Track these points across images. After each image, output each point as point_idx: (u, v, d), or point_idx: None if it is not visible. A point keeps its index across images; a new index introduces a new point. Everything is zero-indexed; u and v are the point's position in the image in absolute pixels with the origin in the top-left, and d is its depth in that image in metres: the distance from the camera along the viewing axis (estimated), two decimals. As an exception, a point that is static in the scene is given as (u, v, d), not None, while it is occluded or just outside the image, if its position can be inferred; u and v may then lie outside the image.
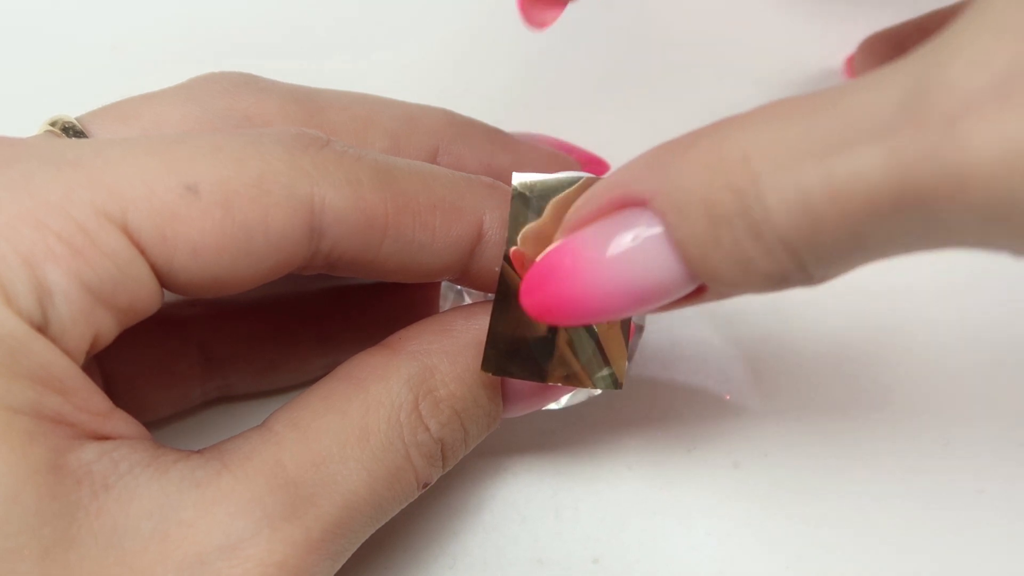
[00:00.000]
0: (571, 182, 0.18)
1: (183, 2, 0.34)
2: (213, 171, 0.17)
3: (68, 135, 0.20)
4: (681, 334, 0.27)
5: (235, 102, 0.22)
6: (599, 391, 0.24)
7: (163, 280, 0.17)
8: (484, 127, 0.24)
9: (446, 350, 0.19)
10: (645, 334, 0.26)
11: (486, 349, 0.18)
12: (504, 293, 0.18)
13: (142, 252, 0.16)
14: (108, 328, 0.17)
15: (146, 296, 0.17)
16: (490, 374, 0.19)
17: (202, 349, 0.23)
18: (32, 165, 0.16)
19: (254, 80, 0.22)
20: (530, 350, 0.18)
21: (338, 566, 0.17)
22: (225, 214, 0.16)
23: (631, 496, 0.25)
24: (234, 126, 0.21)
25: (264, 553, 0.16)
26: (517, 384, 0.20)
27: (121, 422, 0.17)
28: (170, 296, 0.24)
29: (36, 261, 0.15)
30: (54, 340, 0.15)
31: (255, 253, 0.17)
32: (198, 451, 0.17)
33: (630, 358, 0.24)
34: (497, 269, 0.19)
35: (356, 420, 0.17)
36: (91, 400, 0.16)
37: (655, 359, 0.26)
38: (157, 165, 0.16)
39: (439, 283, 0.25)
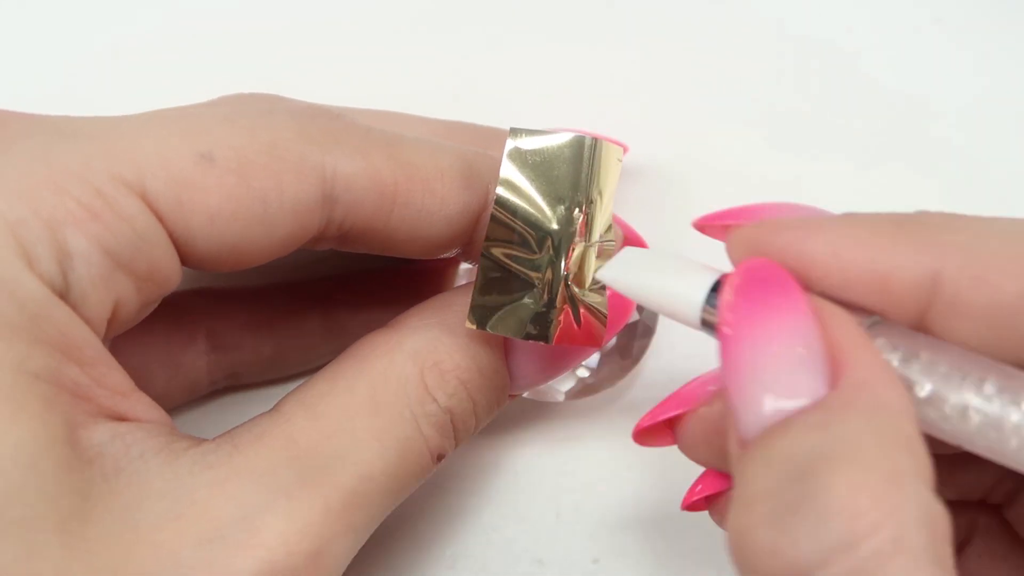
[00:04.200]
0: (562, 140, 0.18)
1: (183, 10, 0.35)
2: (227, 139, 0.17)
3: None
4: (685, 338, 0.27)
5: None
6: (586, 374, 0.24)
7: (182, 251, 0.17)
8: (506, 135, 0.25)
9: (447, 324, 0.19)
10: (655, 336, 0.26)
11: (471, 304, 0.18)
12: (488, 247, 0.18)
13: (160, 219, 0.16)
14: (128, 297, 0.17)
15: (165, 264, 0.17)
16: (484, 330, 0.18)
17: (210, 338, 0.23)
18: (50, 136, 0.16)
19: (281, 101, 0.23)
20: (513, 309, 0.18)
21: (359, 544, 0.17)
22: (239, 180, 0.17)
23: (631, 496, 0.25)
24: None
25: (283, 522, 0.16)
26: (521, 352, 0.20)
27: (141, 405, 0.17)
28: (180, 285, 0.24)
29: (57, 225, 0.15)
30: (74, 307, 0.16)
31: (270, 220, 0.17)
32: (210, 439, 0.17)
33: (637, 360, 0.25)
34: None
35: (364, 394, 0.18)
36: (110, 375, 0.16)
37: (658, 360, 0.27)
38: (172, 134, 0.17)
39: (447, 271, 0.25)
